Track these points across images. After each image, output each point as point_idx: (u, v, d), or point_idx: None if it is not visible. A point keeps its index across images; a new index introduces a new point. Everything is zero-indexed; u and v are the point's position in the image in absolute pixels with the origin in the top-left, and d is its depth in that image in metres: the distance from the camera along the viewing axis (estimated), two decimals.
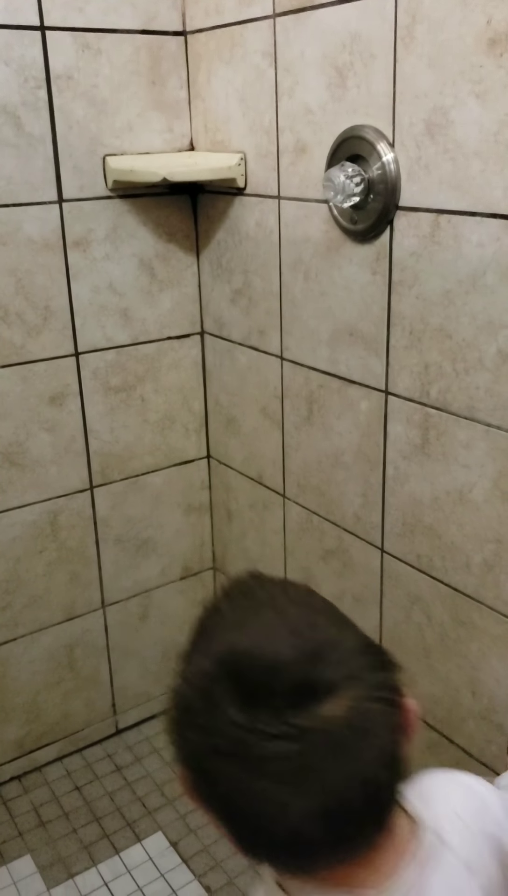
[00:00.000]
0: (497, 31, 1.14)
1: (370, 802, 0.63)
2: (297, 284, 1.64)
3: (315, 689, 0.61)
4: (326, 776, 0.60)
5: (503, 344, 1.25)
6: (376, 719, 0.63)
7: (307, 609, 0.69)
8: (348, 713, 0.61)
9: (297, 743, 0.60)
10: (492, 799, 0.80)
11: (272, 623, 0.66)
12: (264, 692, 0.61)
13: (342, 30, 1.39)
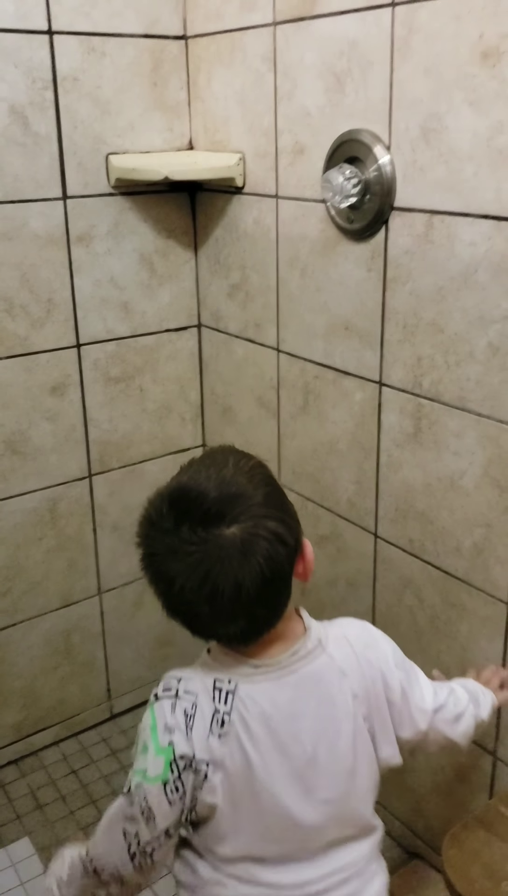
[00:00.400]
0: (489, 44, 1.22)
1: (244, 602, 0.91)
2: (294, 280, 1.71)
3: (222, 518, 0.91)
4: (212, 573, 0.90)
5: (493, 337, 1.33)
6: (258, 547, 0.91)
7: (242, 472, 0.96)
8: (239, 537, 0.90)
9: (200, 547, 0.91)
10: (387, 644, 1.10)
11: (211, 474, 0.95)
12: (188, 514, 0.92)
13: (340, 38, 1.46)
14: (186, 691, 0.99)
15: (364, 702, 1.04)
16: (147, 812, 0.96)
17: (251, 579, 0.90)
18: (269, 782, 0.98)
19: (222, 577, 0.90)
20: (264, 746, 0.97)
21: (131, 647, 2.24)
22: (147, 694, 1.07)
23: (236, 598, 0.91)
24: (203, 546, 0.91)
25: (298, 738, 0.99)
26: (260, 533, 0.91)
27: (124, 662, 2.24)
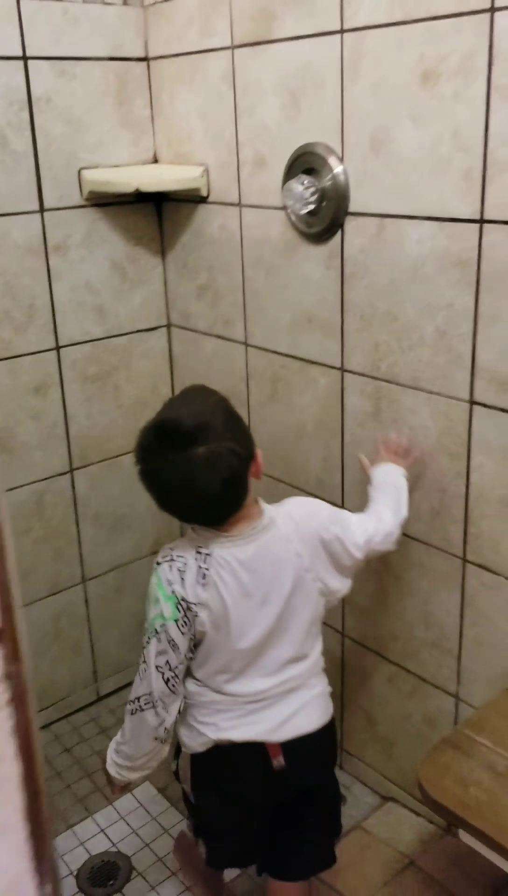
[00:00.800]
0: (427, 67, 1.40)
1: (213, 497, 1.28)
2: (259, 279, 1.87)
3: (194, 441, 1.25)
4: (189, 480, 1.26)
5: (440, 323, 1.51)
6: (219, 460, 1.25)
7: (207, 405, 1.33)
8: (205, 455, 1.24)
9: (180, 463, 1.25)
10: (322, 509, 1.46)
11: (184, 410, 1.33)
12: (169, 440, 1.26)
13: (295, 60, 1.63)
14: (178, 556, 1.34)
15: (307, 557, 1.38)
16: (172, 642, 1.31)
17: (217, 482, 1.26)
18: (236, 616, 1.33)
19: (196, 482, 1.26)
20: (233, 591, 1.33)
21: (115, 631, 2.37)
22: (131, 675, 1.37)
23: (207, 496, 1.28)
24: (182, 462, 1.25)
25: (256, 586, 1.34)
26: (220, 451, 1.26)
27: (109, 646, 2.37)
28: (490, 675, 1.61)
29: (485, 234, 1.39)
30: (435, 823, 1.84)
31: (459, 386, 1.51)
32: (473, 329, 1.46)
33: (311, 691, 1.43)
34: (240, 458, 1.29)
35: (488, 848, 1.21)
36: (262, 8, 1.66)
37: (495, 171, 1.35)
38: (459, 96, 1.37)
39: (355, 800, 1.98)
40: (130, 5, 1.93)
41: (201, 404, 1.34)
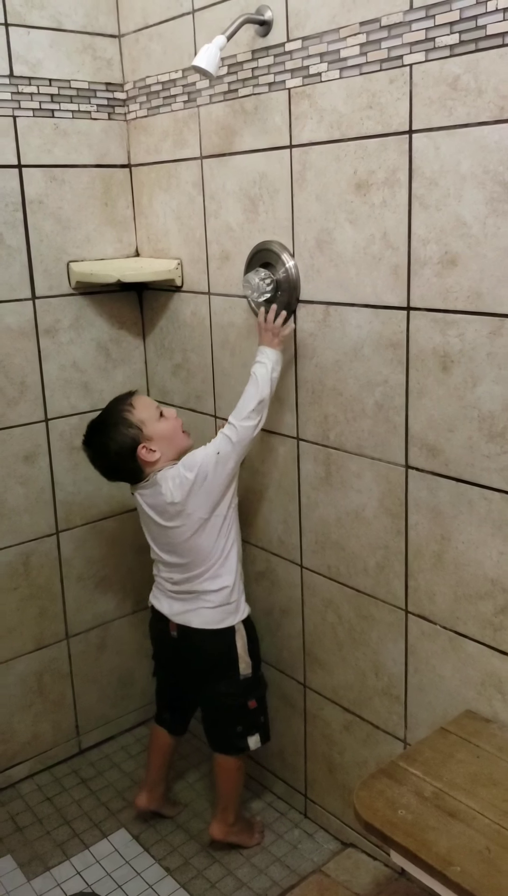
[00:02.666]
0: (360, 178, 1.63)
1: (115, 470, 1.94)
2: (226, 359, 2.08)
3: (94, 436, 1.94)
4: (96, 460, 1.95)
5: (378, 397, 1.70)
6: (108, 450, 1.90)
7: (108, 413, 1.94)
8: (101, 445, 1.92)
9: (89, 450, 1.96)
10: (199, 455, 1.87)
11: (99, 416, 1.97)
12: (86, 437, 1.97)
13: (253, 170, 1.87)
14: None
15: (181, 498, 1.86)
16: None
17: (111, 463, 1.92)
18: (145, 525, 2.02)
19: (99, 461, 1.94)
20: (146, 518, 1.98)
21: (96, 686, 2.50)
22: (113, 730, 1.52)
23: (111, 469, 1.94)
24: (90, 450, 1.95)
25: (152, 518, 1.94)
26: (108, 444, 1.89)
27: (91, 701, 2.50)
28: (432, 718, 1.75)
29: (412, 319, 1.60)
30: (390, 867, 1.95)
31: (396, 452, 1.70)
32: (405, 402, 1.65)
33: (203, 601, 1.94)
34: (121, 448, 1.87)
35: (414, 865, 1.34)
36: (225, 125, 1.91)
37: (417, 266, 1.56)
38: (387, 204, 1.59)
39: (317, 846, 2.08)
40: (114, 120, 2.20)
41: (106, 413, 1.96)
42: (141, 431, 1.87)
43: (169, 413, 1.94)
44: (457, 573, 1.63)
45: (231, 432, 1.83)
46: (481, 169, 1.41)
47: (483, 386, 1.50)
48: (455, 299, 1.51)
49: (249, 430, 1.83)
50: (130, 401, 1.91)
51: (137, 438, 1.87)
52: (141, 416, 1.88)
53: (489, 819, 1.37)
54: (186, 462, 1.88)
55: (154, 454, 1.87)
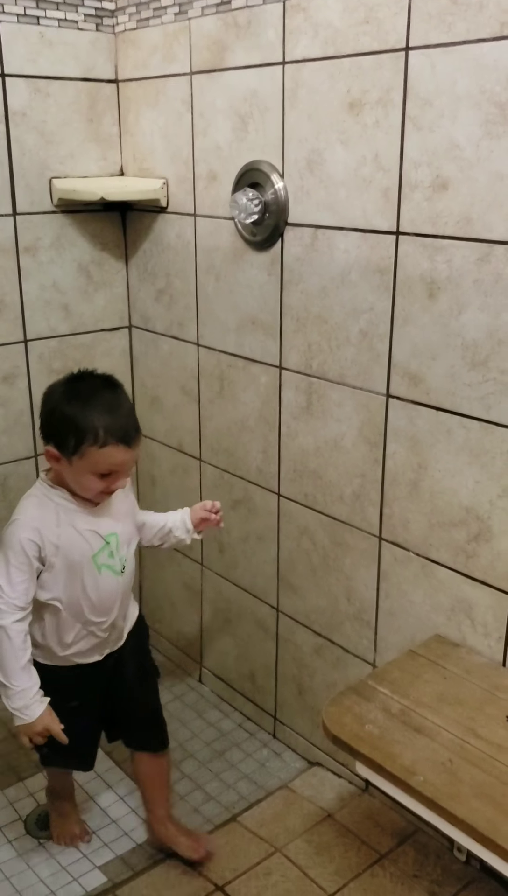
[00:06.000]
0: (353, 97, 1.59)
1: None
2: (210, 284, 2.06)
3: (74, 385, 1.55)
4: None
5: (363, 325, 1.70)
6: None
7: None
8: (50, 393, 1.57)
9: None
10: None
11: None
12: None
13: (244, 88, 1.82)
14: None
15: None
16: None
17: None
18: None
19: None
20: None
21: None
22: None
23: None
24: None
25: None
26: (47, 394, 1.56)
27: None
28: (402, 643, 1.78)
29: (400, 244, 1.58)
30: (355, 784, 2.01)
31: (377, 381, 1.70)
32: (390, 330, 1.65)
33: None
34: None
35: (379, 776, 1.38)
36: (216, 39, 1.86)
37: (408, 189, 1.54)
38: (379, 124, 1.56)
39: (284, 765, 2.14)
40: (102, 31, 2.13)
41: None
42: (66, 450, 1.49)
43: (116, 484, 1.54)
44: (432, 501, 1.65)
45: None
46: (477, 89, 1.38)
47: (468, 314, 1.50)
48: (445, 224, 1.49)
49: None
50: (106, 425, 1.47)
51: (59, 443, 1.50)
52: (88, 451, 1.47)
53: (452, 734, 1.41)
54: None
55: (59, 465, 1.54)
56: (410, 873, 1.78)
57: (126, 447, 1.50)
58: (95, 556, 1.59)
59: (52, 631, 1.62)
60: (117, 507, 1.64)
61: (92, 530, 1.59)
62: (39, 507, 1.57)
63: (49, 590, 1.57)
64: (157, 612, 2.59)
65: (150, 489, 2.50)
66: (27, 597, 1.54)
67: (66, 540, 1.55)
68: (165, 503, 2.44)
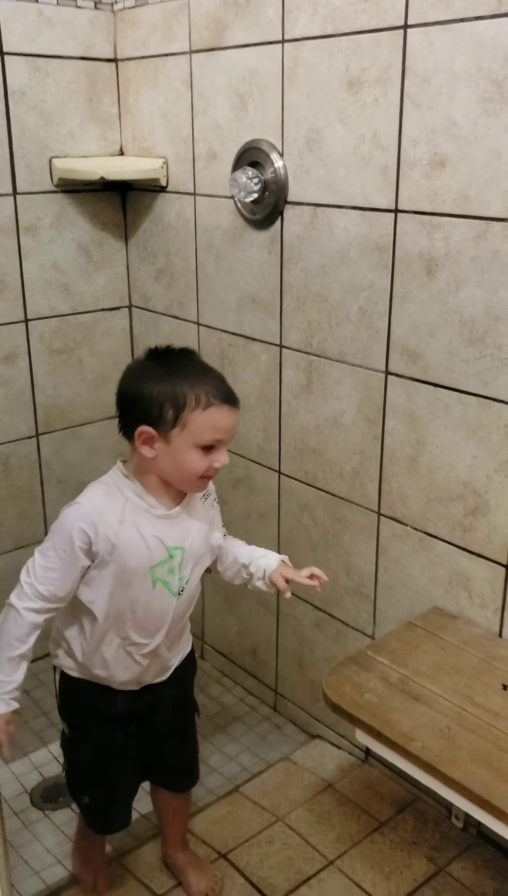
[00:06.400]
0: (353, 76, 1.60)
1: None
2: (210, 263, 2.07)
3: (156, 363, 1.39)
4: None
5: (362, 302, 1.71)
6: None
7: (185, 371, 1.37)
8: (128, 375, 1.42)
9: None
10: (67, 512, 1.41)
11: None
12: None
13: (243, 67, 1.83)
14: None
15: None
16: None
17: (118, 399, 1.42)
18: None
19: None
20: None
21: None
22: None
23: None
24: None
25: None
26: (127, 378, 1.41)
27: None
28: (400, 615, 1.82)
29: (399, 222, 1.60)
30: (354, 756, 2.04)
31: (376, 358, 1.72)
32: (389, 307, 1.67)
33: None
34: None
35: (378, 742, 1.41)
36: (215, 18, 1.86)
37: (406, 167, 1.56)
38: (378, 103, 1.58)
39: (285, 737, 2.18)
40: (100, 10, 2.13)
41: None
42: (165, 425, 1.32)
43: (219, 459, 1.39)
44: (430, 476, 1.67)
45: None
46: (475, 67, 1.40)
47: (466, 290, 1.51)
48: (443, 202, 1.51)
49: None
50: (209, 387, 1.34)
51: (154, 419, 1.32)
52: (190, 418, 1.32)
53: (450, 702, 1.45)
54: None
55: (152, 452, 1.35)
56: (409, 840, 1.82)
57: (230, 407, 1.36)
58: (153, 568, 1.40)
59: (87, 641, 1.44)
60: (195, 517, 1.45)
61: (157, 537, 1.40)
62: (105, 497, 1.40)
63: (93, 590, 1.39)
64: None
65: None
66: (54, 588, 1.36)
67: (124, 540, 1.37)
68: None
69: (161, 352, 1.41)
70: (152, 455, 1.35)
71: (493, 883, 1.72)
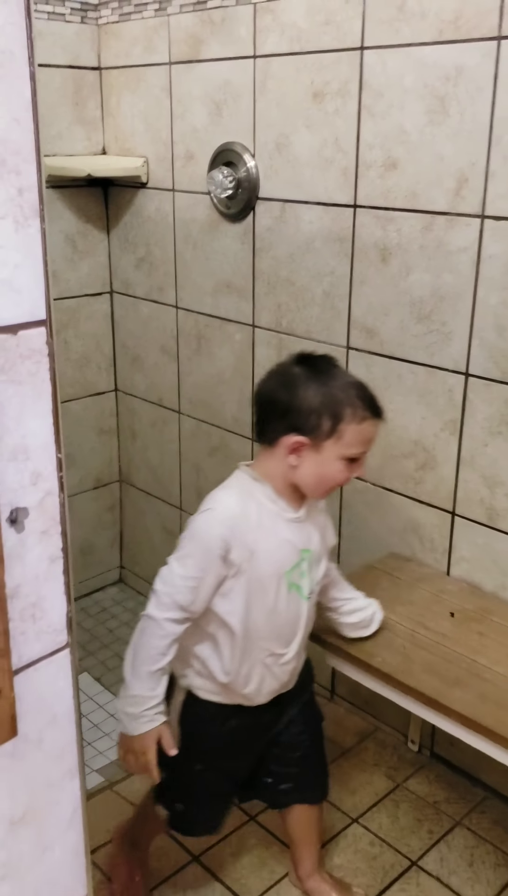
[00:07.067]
0: (317, 88, 1.84)
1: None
2: (188, 252, 2.30)
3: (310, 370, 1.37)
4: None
5: (326, 287, 1.95)
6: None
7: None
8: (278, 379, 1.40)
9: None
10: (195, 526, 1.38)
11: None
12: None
13: (218, 78, 2.06)
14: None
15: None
16: None
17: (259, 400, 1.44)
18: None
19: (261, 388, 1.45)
20: None
21: None
22: (75, 593, 1.61)
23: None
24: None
25: None
26: (275, 381, 1.40)
27: None
28: (361, 563, 2.06)
29: (357, 216, 1.84)
30: (321, 696, 2.28)
31: (339, 335, 1.96)
32: (349, 290, 1.91)
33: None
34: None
35: (345, 662, 1.65)
36: (193, 34, 2.09)
37: (364, 168, 1.80)
38: (339, 112, 1.82)
39: None
40: (86, 24, 2.34)
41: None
42: (320, 435, 1.32)
43: (359, 471, 1.38)
44: (386, 437, 1.92)
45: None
46: (421, 83, 1.64)
47: (415, 275, 1.76)
48: (395, 198, 1.75)
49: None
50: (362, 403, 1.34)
51: (310, 429, 1.32)
52: (347, 430, 1.32)
53: (405, 627, 1.69)
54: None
55: (298, 461, 1.34)
56: (370, 763, 2.07)
57: (379, 420, 1.37)
58: (288, 573, 1.38)
59: (228, 659, 1.39)
60: (315, 519, 1.44)
61: (290, 541, 1.38)
62: (239, 502, 1.35)
63: (229, 601, 1.35)
64: (137, 556, 2.84)
65: (130, 443, 2.74)
66: (192, 597, 1.31)
67: (263, 547, 1.34)
68: (144, 454, 2.69)
69: (310, 358, 1.39)
70: (298, 464, 1.33)
71: (444, 793, 1.98)
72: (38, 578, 0.76)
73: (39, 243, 0.71)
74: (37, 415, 0.73)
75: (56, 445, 0.75)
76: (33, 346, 0.72)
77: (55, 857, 0.82)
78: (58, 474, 0.76)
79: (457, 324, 1.71)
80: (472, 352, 1.70)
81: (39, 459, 0.74)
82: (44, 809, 0.80)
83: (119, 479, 2.83)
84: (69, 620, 0.79)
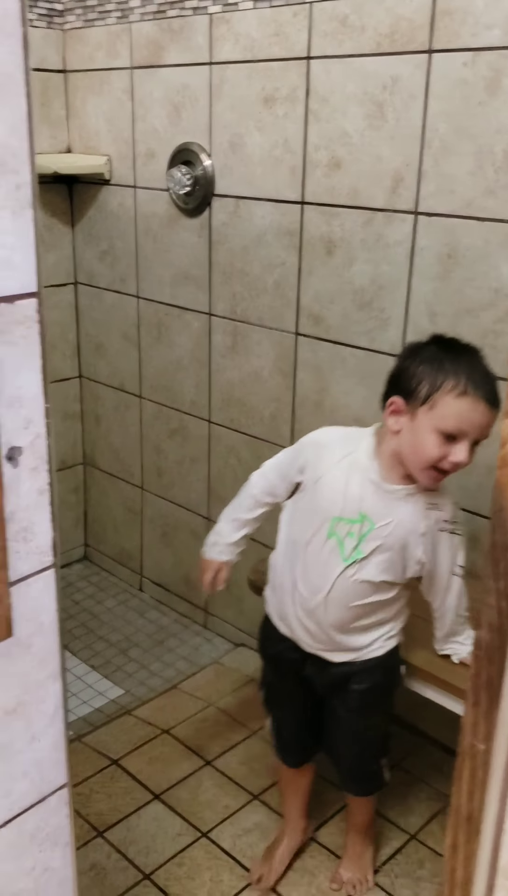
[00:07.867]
0: (267, 93, 2.00)
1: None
2: (148, 245, 2.45)
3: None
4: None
5: (277, 277, 2.12)
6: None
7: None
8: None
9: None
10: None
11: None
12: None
13: (177, 82, 2.21)
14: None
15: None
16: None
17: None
18: None
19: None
20: None
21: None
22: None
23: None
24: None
25: None
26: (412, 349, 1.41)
27: None
28: None
29: (305, 211, 2.01)
30: None
31: (288, 322, 2.13)
32: (298, 280, 2.08)
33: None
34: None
35: None
36: (154, 40, 2.24)
37: (310, 168, 1.97)
38: (288, 116, 1.98)
39: (214, 647, 2.58)
40: (52, 29, 2.48)
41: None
42: (416, 400, 1.33)
43: (456, 453, 1.31)
44: (332, 415, 2.09)
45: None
46: (362, 91, 1.82)
47: (357, 266, 1.94)
48: (339, 196, 1.92)
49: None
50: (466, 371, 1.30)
51: (408, 393, 1.34)
52: (441, 400, 1.30)
53: None
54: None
55: (397, 424, 1.37)
56: None
57: (487, 405, 1.29)
58: (336, 519, 1.41)
59: (274, 568, 1.59)
60: (406, 511, 1.40)
61: (355, 495, 1.40)
62: (337, 440, 1.48)
63: (290, 509, 1.54)
64: (101, 534, 2.98)
65: (94, 427, 2.88)
66: (272, 477, 1.57)
67: (327, 480, 1.42)
68: (107, 437, 2.83)
69: (446, 339, 1.39)
70: (397, 428, 1.36)
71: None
72: (29, 507, 0.90)
73: (32, 229, 0.86)
74: (29, 370, 0.87)
75: (44, 396, 0.90)
76: (27, 314, 0.86)
77: (41, 746, 0.97)
78: (45, 420, 0.91)
79: (394, 311, 1.89)
80: (407, 336, 1.88)
81: (31, 407, 0.88)
82: (32, 704, 0.95)
83: (83, 461, 2.97)
84: (54, 544, 0.94)
